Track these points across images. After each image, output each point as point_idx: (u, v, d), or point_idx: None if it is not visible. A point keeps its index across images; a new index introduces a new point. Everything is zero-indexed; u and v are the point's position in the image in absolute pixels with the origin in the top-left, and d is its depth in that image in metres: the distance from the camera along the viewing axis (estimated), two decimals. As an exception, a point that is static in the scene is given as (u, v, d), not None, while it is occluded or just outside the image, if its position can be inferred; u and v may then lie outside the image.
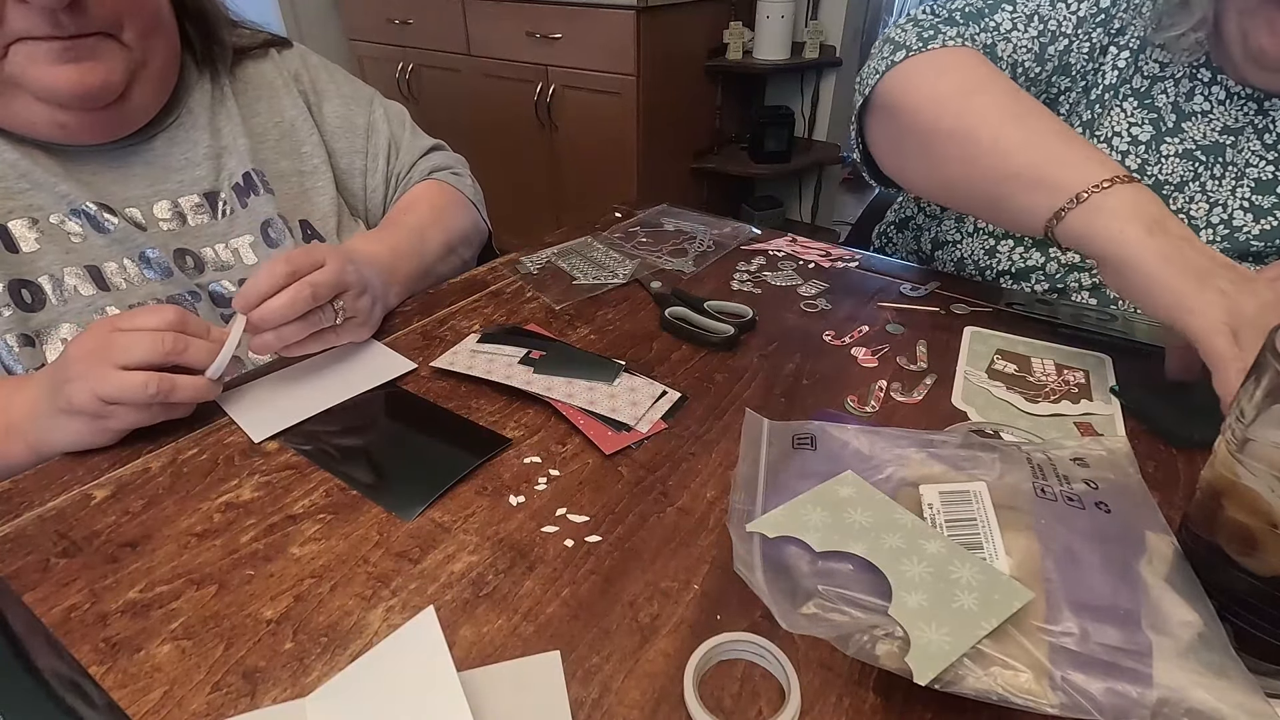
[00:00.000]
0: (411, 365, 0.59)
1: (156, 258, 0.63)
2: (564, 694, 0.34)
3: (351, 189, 0.79)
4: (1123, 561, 0.35)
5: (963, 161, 0.59)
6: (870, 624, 0.32)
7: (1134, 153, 0.70)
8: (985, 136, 0.58)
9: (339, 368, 0.59)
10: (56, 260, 0.59)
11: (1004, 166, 0.56)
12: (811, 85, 2.63)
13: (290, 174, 0.73)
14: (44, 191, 0.59)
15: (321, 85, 0.78)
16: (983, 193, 0.59)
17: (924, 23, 0.68)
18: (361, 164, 0.80)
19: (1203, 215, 0.70)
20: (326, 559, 0.42)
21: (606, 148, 2.33)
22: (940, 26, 0.66)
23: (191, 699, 0.34)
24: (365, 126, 0.80)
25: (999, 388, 0.57)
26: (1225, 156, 0.69)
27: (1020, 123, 0.57)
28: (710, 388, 0.57)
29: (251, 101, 0.72)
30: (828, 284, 0.73)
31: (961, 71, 0.62)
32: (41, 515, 0.45)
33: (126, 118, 0.62)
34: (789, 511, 0.38)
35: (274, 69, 0.75)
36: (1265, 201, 0.68)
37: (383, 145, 0.81)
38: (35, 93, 0.55)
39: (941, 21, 0.67)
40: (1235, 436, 0.34)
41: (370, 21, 2.66)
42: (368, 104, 0.81)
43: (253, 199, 0.69)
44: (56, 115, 0.57)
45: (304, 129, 0.74)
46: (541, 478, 0.48)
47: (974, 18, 0.67)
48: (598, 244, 0.82)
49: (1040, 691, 0.30)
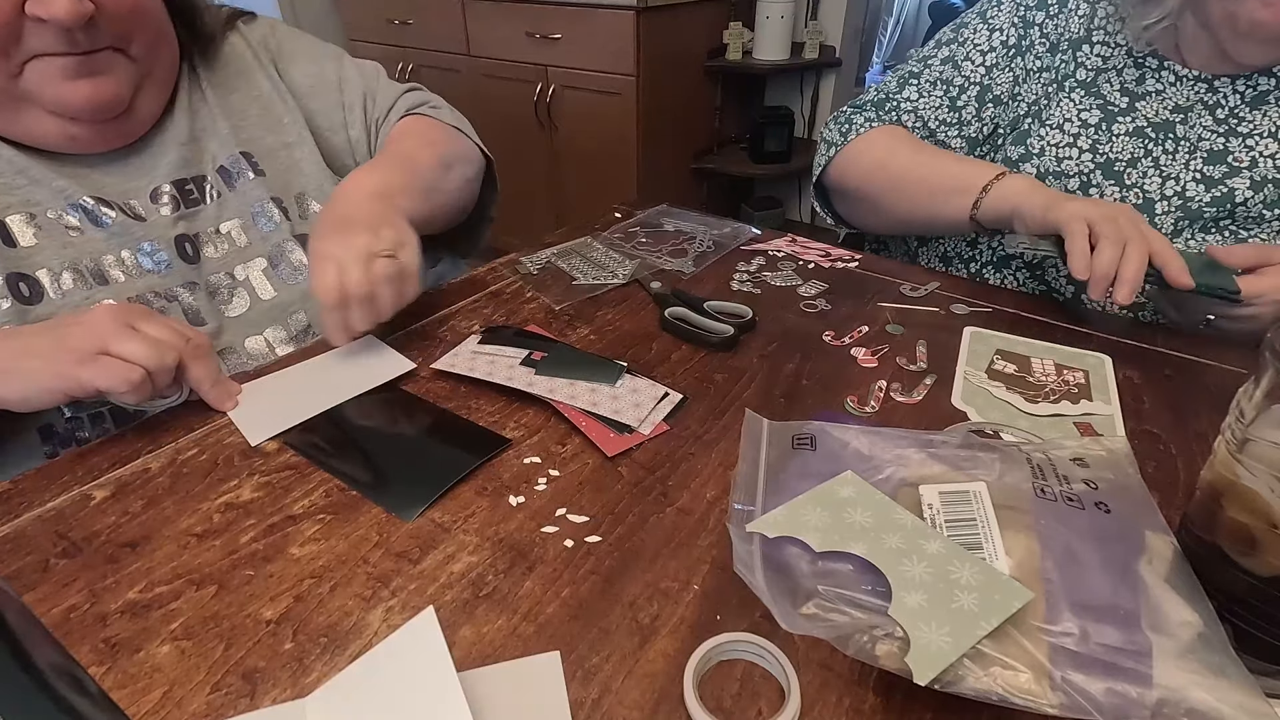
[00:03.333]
0: (411, 365, 0.59)
1: (154, 250, 0.63)
2: (564, 694, 0.34)
3: (335, 145, 0.78)
4: (1122, 562, 0.35)
5: (901, 202, 0.80)
6: (870, 624, 0.32)
7: (1084, 134, 0.76)
8: (910, 180, 0.79)
9: (339, 368, 0.59)
10: (54, 255, 0.59)
11: (929, 191, 0.77)
12: (811, 85, 2.63)
13: (278, 148, 0.73)
14: (41, 187, 0.59)
15: (288, 48, 0.77)
16: (922, 215, 0.79)
17: (840, 118, 0.88)
18: (341, 118, 0.79)
19: (1156, 189, 0.74)
20: (326, 559, 0.42)
21: (606, 148, 2.33)
22: (853, 118, 0.86)
23: (191, 699, 0.34)
24: (337, 81, 0.79)
25: (999, 388, 0.57)
26: (1176, 132, 0.73)
27: (929, 164, 0.78)
28: (710, 388, 0.57)
29: (227, 79, 0.72)
30: (827, 284, 0.73)
31: (875, 149, 0.83)
32: (41, 516, 0.45)
33: (133, 126, 0.63)
34: (789, 512, 0.38)
35: (242, 43, 0.74)
36: (1215, 171, 0.72)
37: (357, 97, 0.79)
38: (49, 107, 0.57)
39: (854, 112, 0.87)
40: (1235, 437, 0.34)
41: (370, 22, 2.67)
42: (337, 60, 0.80)
43: (241, 183, 0.69)
44: (68, 128, 0.58)
45: (278, 100, 0.74)
46: (541, 478, 0.48)
47: (881, 103, 0.86)
48: (597, 244, 0.82)
49: (1040, 692, 0.30)
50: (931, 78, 0.84)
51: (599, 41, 2.17)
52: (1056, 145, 0.77)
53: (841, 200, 0.90)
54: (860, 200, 0.86)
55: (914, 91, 0.85)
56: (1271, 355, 0.32)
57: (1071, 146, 0.76)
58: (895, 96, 0.85)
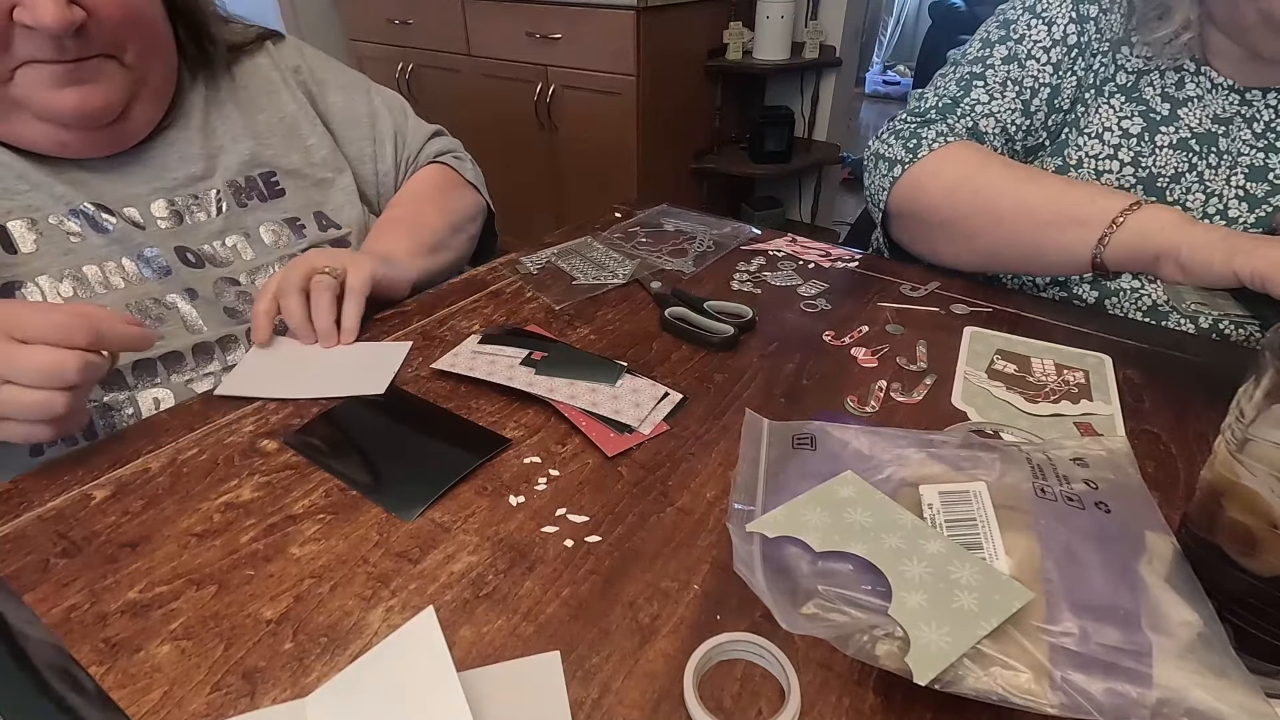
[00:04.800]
0: (407, 345, 0.60)
1: (155, 256, 0.63)
2: (564, 694, 0.34)
3: (362, 174, 0.81)
4: (1122, 562, 0.35)
5: (995, 231, 0.67)
6: (870, 624, 0.32)
7: (1125, 145, 0.71)
8: (1005, 205, 0.66)
9: (344, 363, 0.59)
10: (55, 261, 0.59)
11: (1034, 221, 0.64)
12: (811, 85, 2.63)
13: (302, 167, 0.74)
14: (42, 192, 0.59)
15: (318, 74, 0.80)
16: (1019, 249, 0.67)
17: (903, 131, 0.75)
18: (370, 150, 0.82)
19: (1199, 206, 0.70)
20: (326, 559, 0.42)
21: (606, 148, 2.33)
22: (919, 131, 0.73)
23: (191, 699, 0.34)
24: (368, 114, 0.82)
25: (999, 388, 0.57)
26: (1219, 145, 0.69)
27: (1028, 184, 0.65)
28: (710, 388, 0.57)
29: (253, 98, 0.73)
30: (827, 284, 0.73)
31: (956, 165, 0.70)
32: (41, 515, 0.45)
33: (126, 134, 0.63)
34: (789, 511, 0.38)
35: (271, 64, 0.76)
36: (1259, 189, 0.69)
37: (388, 132, 0.83)
38: (38, 114, 0.57)
39: (919, 124, 0.74)
40: (1235, 436, 0.34)
41: (370, 21, 2.66)
42: (366, 92, 0.83)
43: (254, 201, 0.70)
44: (59, 134, 0.58)
45: (306, 123, 0.75)
46: (541, 478, 0.48)
47: (949, 109, 0.74)
48: (597, 244, 0.82)
49: (1040, 691, 0.30)
50: (1000, 78, 0.73)
51: (599, 41, 2.17)
52: (1095, 157, 0.71)
53: (906, 227, 0.78)
54: (936, 227, 0.73)
55: (983, 94, 0.74)
56: (1272, 355, 0.32)
57: (1112, 159, 0.70)
58: (964, 101, 0.74)
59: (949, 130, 0.73)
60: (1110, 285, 0.73)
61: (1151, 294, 0.72)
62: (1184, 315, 0.70)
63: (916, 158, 0.72)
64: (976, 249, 0.71)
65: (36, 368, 0.44)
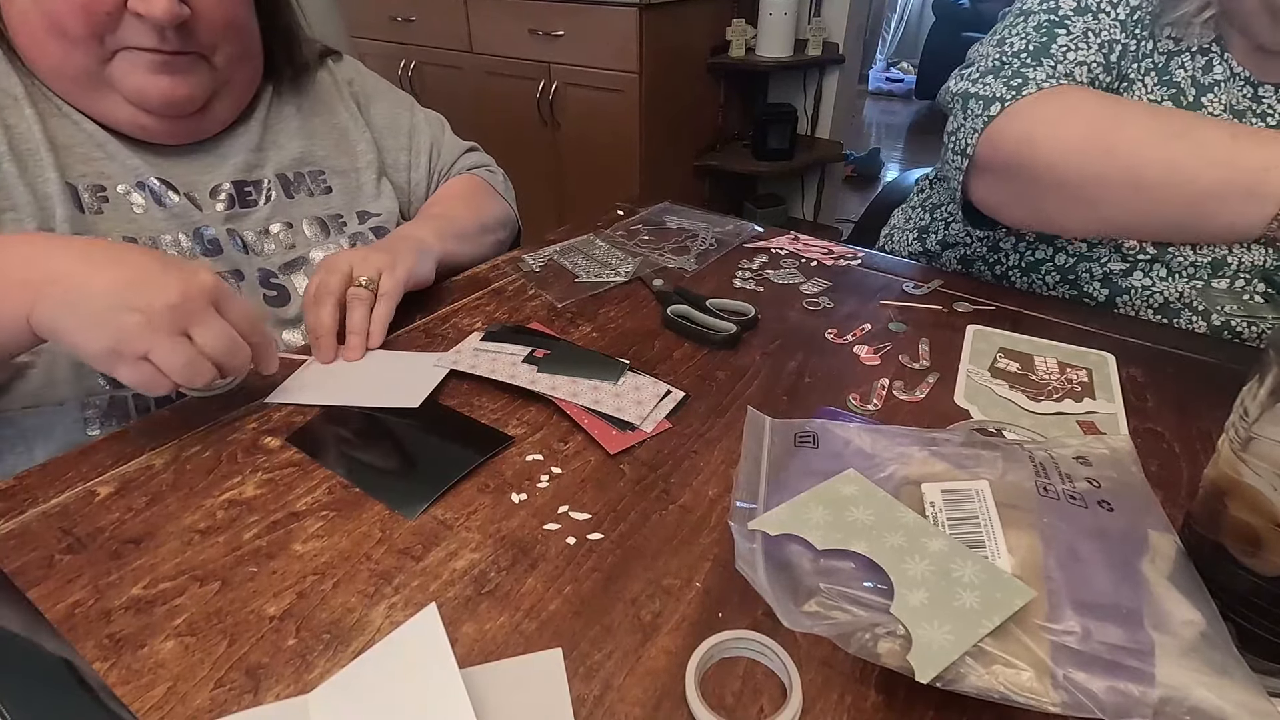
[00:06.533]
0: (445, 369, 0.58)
1: (210, 235, 0.66)
2: (566, 691, 0.34)
3: (396, 182, 0.85)
4: (1125, 560, 0.34)
5: (1131, 198, 0.56)
6: (872, 622, 0.32)
7: None
8: (1152, 171, 0.55)
9: (380, 372, 0.59)
10: (118, 226, 0.62)
11: (1190, 192, 0.53)
12: (814, 83, 2.63)
13: (348, 170, 0.79)
14: (116, 162, 0.63)
15: (369, 89, 0.86)
16: (1164, 221, 0.57)
17: (1003, 70, 0.63)
18: (406, 159, 0.87)
19: None
20: (329, 556, 0.42)
21: (609, 145, 2.33)
22: (1023, 71, 0.62)
23: (195, 695, 0.34)
24: (409, 127, 0.87)
25: (1001, 386, 0.57)
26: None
27: (1182, 140, 0.54)
28: (712, 386, 0.57)
29: (314, 106, 0.78)
30: (830, 282, 0.73)
31: (1081, 113, 0.58)
32: (45, 512, 0.45)
33: (201, 127, 0.67)
34: (791, 509, 0.38)
35: (329, 78, 0.81)
36: None
37: (425, 144, 0.88)
38: (127, 96, 0.61)
39: (1022, 65, 0.63)
40: (1239, 435, 0.33)
41: (372, 18, 2.66)
42: (410, 109, 0.90)
43: (303, 195, 0.74)
44: (141, 118, 0.62)
45: (356, 131, 0.81)
46: (544, 475, 0.48)
47: (1041, 51, 0.63)
48: (600, 242, 0.82)
49: (1042, 690, 0.29)
50: (1080, 27, 0.64)
51: (602, 38, 2.16)
52: None
53: (1000, 185, 0.65)
54: (1051, 190, 0.60)
55: (1068, 42, 0.63)
56: (1276, 353, 0.31)
57: None
58: (1052, 47, 0.63)
59: (1054, 74, 0.62)
60: (1121, 284, 0.72)
61: (1164, 291, 0.71)
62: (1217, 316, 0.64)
63: (1021, 94, 0.61)
64: (1105, 218, 0.59)
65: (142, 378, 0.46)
